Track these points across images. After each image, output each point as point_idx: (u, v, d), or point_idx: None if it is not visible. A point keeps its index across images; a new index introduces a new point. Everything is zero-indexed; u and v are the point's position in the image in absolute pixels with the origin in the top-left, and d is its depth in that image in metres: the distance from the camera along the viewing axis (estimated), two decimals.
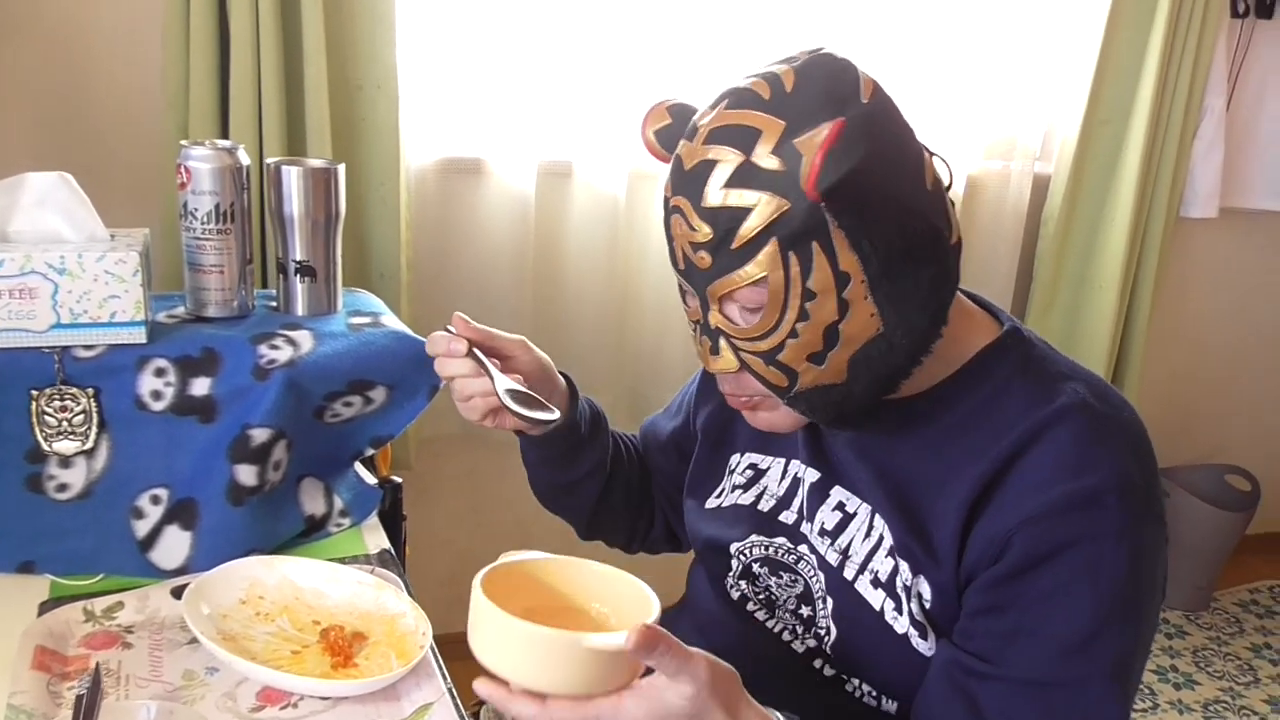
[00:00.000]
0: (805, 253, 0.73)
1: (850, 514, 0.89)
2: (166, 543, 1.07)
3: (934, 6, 2.10)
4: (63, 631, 0.96)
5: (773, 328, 0.76)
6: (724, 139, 0.74)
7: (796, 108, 0.72)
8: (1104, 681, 0.74)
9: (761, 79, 0.75)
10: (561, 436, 1.03)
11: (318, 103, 1.69)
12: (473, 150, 1.92)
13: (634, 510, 1.16)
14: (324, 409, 1.14)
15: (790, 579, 0.92)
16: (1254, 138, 2.51)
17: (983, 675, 0.77)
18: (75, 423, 1.06)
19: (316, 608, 0.99)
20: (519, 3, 1.84)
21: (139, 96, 1.72)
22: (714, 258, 0.75)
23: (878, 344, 0.76)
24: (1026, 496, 0.76)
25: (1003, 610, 0.77)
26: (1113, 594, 0.75)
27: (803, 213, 0.72)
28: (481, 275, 1.97)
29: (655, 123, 0.83)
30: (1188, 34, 2.24)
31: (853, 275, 0.74)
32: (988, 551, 0.78)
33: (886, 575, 0.84)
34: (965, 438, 0.82)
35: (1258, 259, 2.74)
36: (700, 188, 0.74)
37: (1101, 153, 2.32)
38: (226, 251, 1.13)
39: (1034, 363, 0.84)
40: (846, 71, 0.75)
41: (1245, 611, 2.80)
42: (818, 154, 0.68)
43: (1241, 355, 2.85)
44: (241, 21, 1.61)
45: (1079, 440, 0.77)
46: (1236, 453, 2.88)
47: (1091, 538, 0.74)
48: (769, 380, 0.80)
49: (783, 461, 0.96)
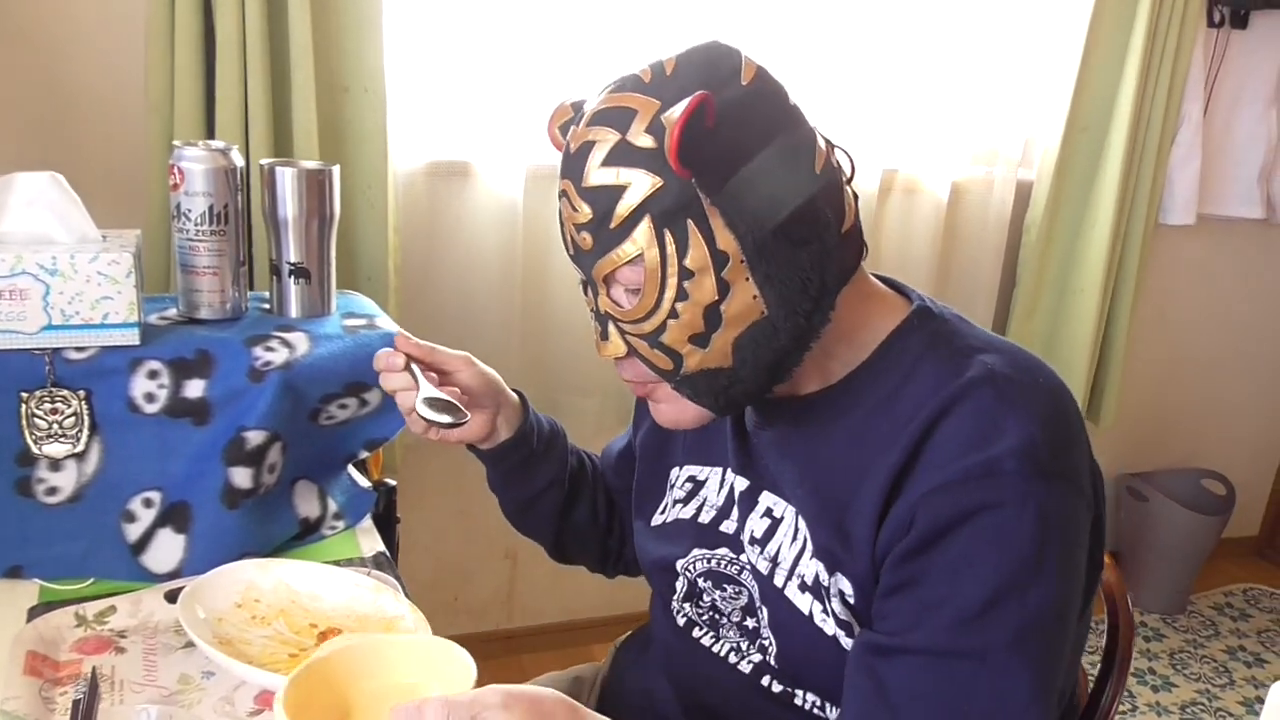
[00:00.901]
0: (680, 230, 0.74)
1: (778, 519, 0.88)
2: (159, 546, 1.06)
3: (917, 18, 2.12)
4: (54, 636, 0.95)
5: (653, 308, 0.77)
6: (604, 120, 0.75)
7: (672, 88, 0.74)
8: (1006, 651, 0.72)
9: (648, 66, 0.77)
10: (513, 450, 1.03)
11: (305, 105, 1.68)
12: (460, 154, 1.92)
13: (602, 529, 1.14)
14: (319, 411, 1.13)
15: (734, 590, 0.91)
16: (1229, 146, 2.54)
17: (889, 651, 0.76)
18: (66, 425, 1.04)
19: (313, 611, 0.99)
20: (506, 6, 1.84)
21: (120, 98, 1.70)
22: (595, 238, 0.77)
23: (762, 327, 0.77)
24: (931, 472, 0.75)
25: (911, 585, 0.76)
26: (1016, 562, 0.73)
27: (675, 189, 0.73)
28: (469, 278, 1.96)
29: (559, 119, 0.84)
30: (1165, 42, 2.27)
31: (731, 255, 0.74)
32: (897, 530, 0.77)
33: (812, 578, 0.84)
34: (878, 424, 0.81)
35: (1234, 266, 2.78)
36: (581, 168, 0.76)
37: (1082, 160, 2.35)
38: (220, 253, 1.12)
39: (943, 339, 0.83)
40: (728, 57, 0.76)
41: (1220, 614, 2.83)
42: (676, 125, 0.70)
43: (1218, 361, 2.89)
44: (227, 23, 1.60)
45: (982, 412, 0.76)
46: (1212, 457, 2.92)
47: (992, 505, 0.73)
48: (655, 364, 0.80)
49: (720, 471, 0.95)
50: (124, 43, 1.67)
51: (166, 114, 1.64)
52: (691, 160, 0.71)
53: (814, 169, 0.77)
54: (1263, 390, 3.00)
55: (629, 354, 0.82)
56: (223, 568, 1.00)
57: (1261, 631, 2.76)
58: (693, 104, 0.70)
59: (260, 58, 1.63)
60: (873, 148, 2.16)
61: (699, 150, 0.71)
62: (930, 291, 0.95)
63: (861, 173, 2.14)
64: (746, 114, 0.74)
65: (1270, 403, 3.04)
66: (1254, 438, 3.06)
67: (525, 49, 1.86)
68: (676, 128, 0.70)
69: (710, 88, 0.73)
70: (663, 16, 1.92)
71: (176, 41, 1.60)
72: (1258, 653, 2.65)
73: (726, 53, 0.77)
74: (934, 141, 2.23)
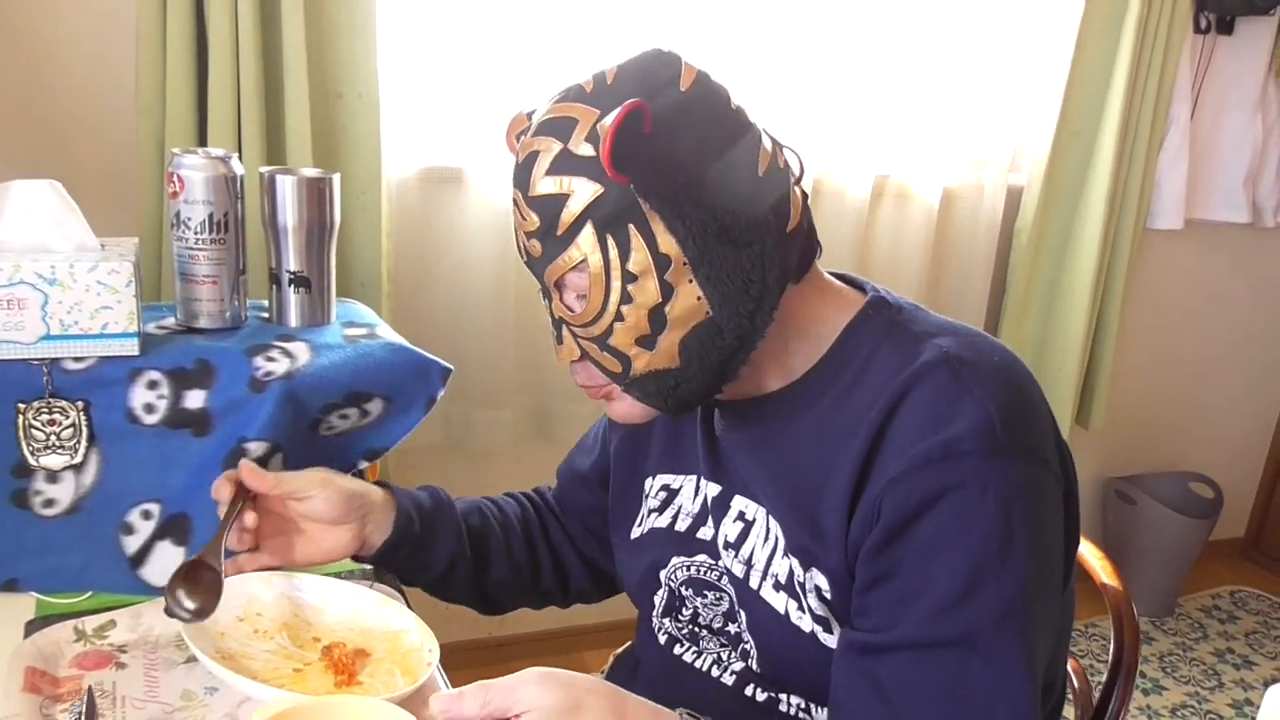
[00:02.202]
0: (622, 235, 0.76)
1: (750, 522, 0.88)
2: (158, 559, 1.05)
3: (907, 27, 2.13)
4: (53, 651, 0.93)
5: (599, 312, 0.78)
6: (548, 130, 0.77)
7: (611, 97, 0.75)
8: (992, 631, 0.72)
9: (592, 76, 0.78)
10: (394, 549, 1.00)
11: (298, 110, 1.67)
12: (454, 160, 1.91)
13: (527, 580, 1.12)
14: (320, 421, 1.12)
15: (715, 596, 0.92)
16: (1215, 151, 2.57)
17: (879, 649, 0.76)
18: (64, 436, 1.03)
19: (317, 625, 0.97)
20: (499, 12, 1.83)
21: (110, 104, 1.68)
22: (543, 245, 0.78)
23: (706, 327, 0.78)
24: (892, 459, 0.76)
25: (886, 579, 0.76)
26: (985, 542, 0.73)
27: (615, 196, 0.74)
28: (463, 285, 1.95)
29: (515, 129, 0.85)
30: (1153, 48, 2.29)
31: (673, 258, 0.76)
32: (866, 522, 0.77)
33: (785, 576, 0.84)
34: (840, 416, 0.81)
35: (1220, 270, 2.81)
36: (528, 177, 0.77)
37: (1072, 164, 2.36)
38: (220, 262, 1.11)
39: (899, 327, 0.84)
40: (667, 65, 0.78)
41: (1208, 617, 2.85)
42: (608, 134, 0.72)
43: (1204, 364, 2.91)
44: (220, 27, 1.59)
45: (938, 394, 0.76)
46: (1199, 460, 2.94)
47: (954, 488, 0.73)
48: (605, 367, 0.82)
49: (694, 478, 0.95)
50: (116, 46, 1.65)
51: (158, 119, 1.62)
52: (627, 166, 0.73)
53: (757, 171, 0.78)
54: (1248, 393, 3.03)
55: (582, 357, 0.83)
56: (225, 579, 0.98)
57: (1249, 634, 2.78)
58: (623, 111, 0.72)
59: (253, 63, 1.62)
60: (864, 154, 2.17)
61: (634, 156, 0.73)
62: (921, 297, 0.95)
63: (853, 179, 2.16)
64: (684, 119, 0.76)
65: (1255, 405, 3.07)
66: (1240, 440, 3.08)
67: (518, 56, 1.85)
68: (609, 136, 0.72)
69: (647, 94, 0.75)
70: (655, 22, 1.92)
71: (168, 46, 1.58)
72: (1246, 655, 2.67)
73: (666, 60, 0.78)
74: (925, 148, 2.24)
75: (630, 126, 0.72)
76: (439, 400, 1.18)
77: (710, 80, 0.79)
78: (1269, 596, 2.98)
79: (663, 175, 0.74)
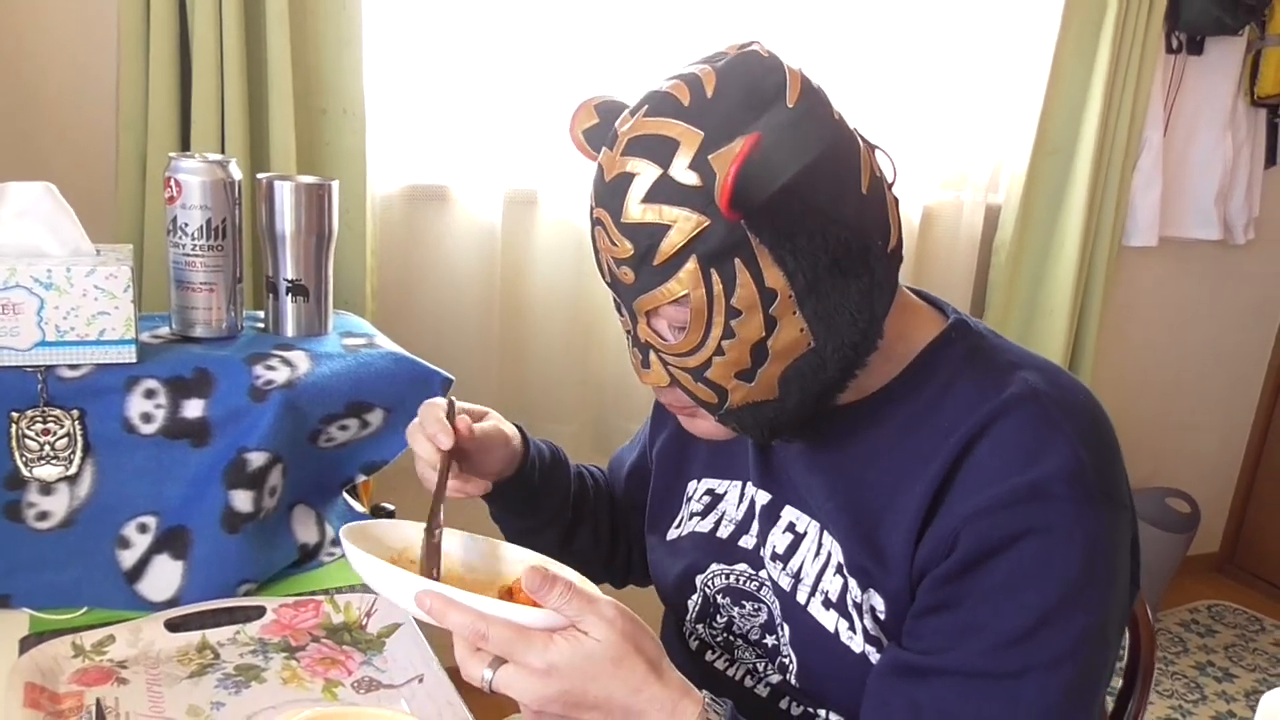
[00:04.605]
0: (727, 270, 0.71)
1: (800, 534, 0.86)
2: (156, 573, 1.02)
3: (887, 48, 2.15)
4: (51, 667, 0.90)
5: (698, 345, 0.74)
6: (642, 150, 0.71)
7: (715, 116, 0.69)
8: (1044, 672, 0.71)
9: (681, 81, 0.72)
10: (513, 487, 0.99)
11: (283, 125, 1.65)
12: (438, 178, 1.90)
13: (605, 553, 1.11)
14: (319, 433, 1.10)
15: (754, 607, 0.89)
16: (1187, 169, 2.61)
17: (924, 673, 0.74)
18: (58, 447, 1.00)
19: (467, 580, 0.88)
20: (485, 30, 1.83)
21: (91, 118, 1.65)
22: (637, 274, 0.73)
23: (809, 359, 0.74)
24: (974, 491, 0.74)
25: (950, 607, 0.74)
26: (1061, 586, 0.71)
27: (722, 230, 0.69)
28: (447, 303, 1.93)
29: (584, 122, 0.80)
30: (1128, 68, 2.32)
31: (779, 291, 0.71)
32: (937, 550, 0.75)
33: (837, 594, 0.82)
34: (914, 438, 0.79)
35: (1194, 286, 2.85)
36: (620, 202, 0.71)
37: (1049, 183, 2.39)
38: (217, 268, 1.08)
39: (981, 354, 0.81)
40: (771, 73, 0.71)
41: (1187, 631, 2.87)
42: (730, 172, 0.66)
43: (1179, 380, 2.95)
44: (204, 42, 1.57)
45: (1026, 430, 0.74)
46: (1175, 475, 2.97)
47: (1040, 530, 0.71)
48: (699, 397, 0.77)
49: (739, 484, 0.93)
50: (98, 60, 1.63)
51: (140, 132, 1.59)
52: (743, 205, 0.67)
53: (861, 189, 0.73)
54: (1221, 407, 3.07)
55: (671, 383, 0.79)
56: (383, 521, 0.90)
57: (1229, 646, 2.80)
58: (745, 149, 0.65)
59: (237, 77, 1.59)
60: None
61: (749, 194, 0.66)
62: None
63: None
64: (796, 141, 0.68)
65: (1228, 419, 3.11)
66: (1214, 455, 3.12)
67: (503, 74, 1.85)
68: (730, 176, 0.65)
69: (754, 113, 0.69)
70: (641, 47, 1.92)
71: (151, 59, 1.56)
72: (1226, 668, 2.69)
73: (769, 67, 0.71)
74: (904, 167, 2.26)
75: (750, 165, 0.66)
76: None
77: (812, 85, 0.72)
78: (1246, 610, 3.00)
79: (775, 208, 0.68)
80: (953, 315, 0.85)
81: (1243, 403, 3.11)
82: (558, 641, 0.70)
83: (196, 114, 1.59)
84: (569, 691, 0.70)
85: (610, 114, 0.79)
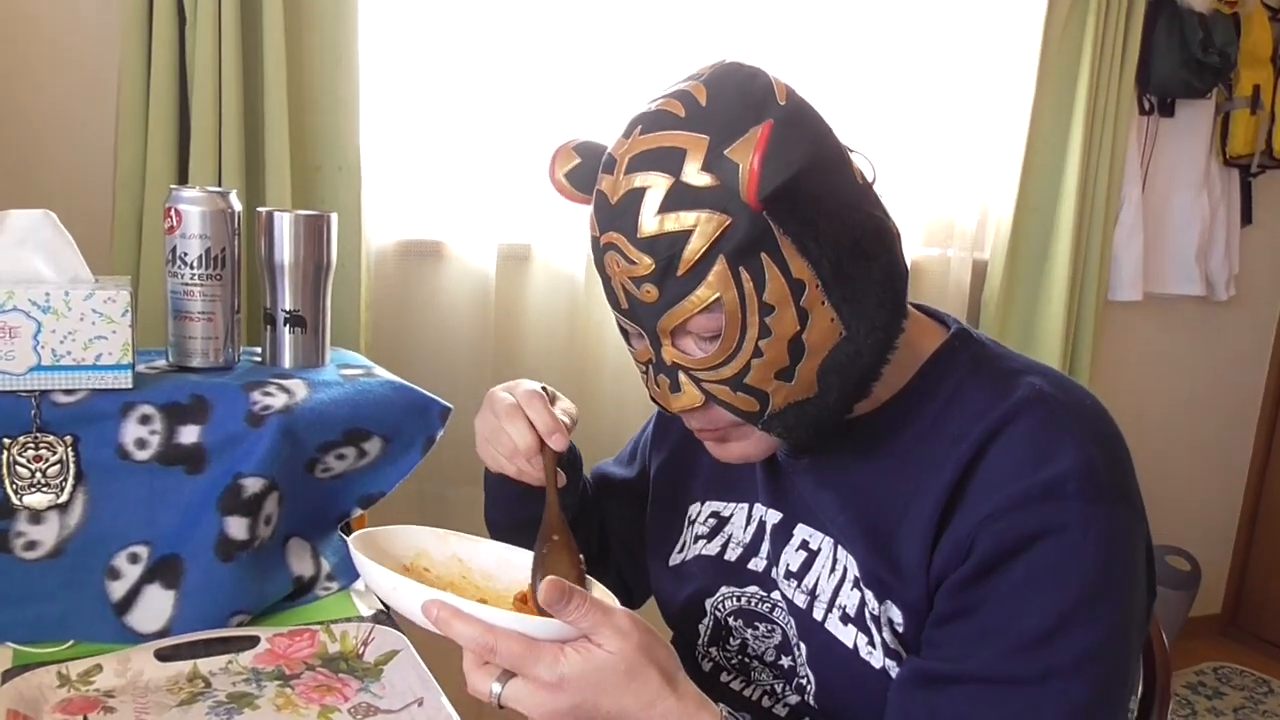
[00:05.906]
0: (755, 265, 0.70)
1: (814, 551, 0.85)
2: (146, 604, 0.99)
3: (869, 105, 2.20)
4: (35, 696, 0.87)
5: (734, 350, 0.73)
6: (648, 164, 0.71)
7: (716, 119, 0.70)
8: (1067, 676, 0.70)
9: (671, 98, 0.73)
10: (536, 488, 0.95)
11: (278, 182, 1.66)
12: (433, 233, 1.91)
13: (595, 561, 1.08)
14: (316, 462, 1.08)
15: (767, 629, 0.88)
16: (1167, 227, 2.65)
17: (945, 681, 0.73)
18: (50, 474, 0.98)
19: (484, 589, 0.87)
20: (478, 87, 1.87)
21: (87, 178, 1.66)
22: (660, 288, 0.72)
23: (844, 348, 0.74)
24: (988, 495, 0.73)
25: (968, 613, 0.73)
26: (1080, 587, 0.71)
27: (746, 224, 0.69)
28: (441, 356, 1.93)
29: (564, 164, 0.79)
30: (1103, 127, 2.38)
31: (806, 282, 0.71)
32: (954, 556, 0.74)
33: (854, 609, 0.80)
34: (925, 448, 0.79)
35: (1180, 341, 2.87)
36: (633, 219, 0.71)
37: (1033, 240, 2.42)
38: (215, 298, 1.08)
39: (986, 361, 0.82)
40: (756, 77, 0.73)
41: (1195, 694, 2.81)
42: (754, 159, 0.66)
43: (1171, 436, 2.95)
44: (203, 100, 1.59)
45: (1036, 433, 0.74)
46: (1173, 534, 2.95)
47: (1055, 530, 0.71)
48: (739, 408, 0.75)
49: (745, 506, 0.92)
50: (95, 120, 1.65)
51: (137, 193, 1.61)
52: (768, 192, 0.67)
53: (856, 178, 0.75)
54: (1215, 462, 3.07)
55: (706, 403, 0.76)
56: (396, 527, 0.87)
57: (1238, 709, 2.74)
58: (765, 135, 0.66)
59: (235, 134, 1.61)
60: None
61: (773, 181, 0.67)
62: None
63: None
64: (798, 131, 0.70)
65: (1223, 475, 3.10)
66: (1211, 513, 3.10)
67: (496, 130, 1.88)
68: (756, 163, 0.66)
69: (754, 111, 0.70)
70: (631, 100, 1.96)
71: (150, 117, 1.58)
72: None
73: (752, 73, 0.73)
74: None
75: (773, 148, 0.66)
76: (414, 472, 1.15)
77: (797, 92, 0.74)
78: (1252, 672, 2.95)
79: (794, 195, 0.69)
80: (954, 325, 0.86)
81: (1236, 458, 3.11)
82: (569, 653, 0.68)
83: (194, 169, 1.61)
84: (580, 705, 0.68)
85: (590, 153, 0.79)
